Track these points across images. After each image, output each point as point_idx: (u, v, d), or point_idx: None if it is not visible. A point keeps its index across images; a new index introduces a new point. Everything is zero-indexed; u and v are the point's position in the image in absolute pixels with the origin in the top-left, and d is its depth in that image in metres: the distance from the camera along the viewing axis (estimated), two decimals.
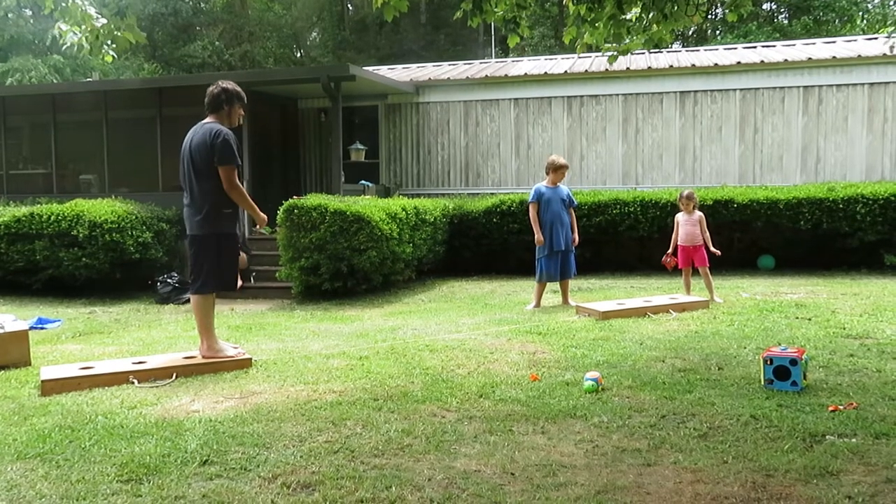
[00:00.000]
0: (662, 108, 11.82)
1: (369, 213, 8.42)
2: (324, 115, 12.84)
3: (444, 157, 12.70)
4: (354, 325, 6.96)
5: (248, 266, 9.43)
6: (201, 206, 4.93)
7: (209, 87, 5.13)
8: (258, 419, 3.78)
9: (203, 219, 4.93)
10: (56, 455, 3.30)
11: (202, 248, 5.01)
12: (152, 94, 11.71)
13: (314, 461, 3.17)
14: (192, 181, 4.95)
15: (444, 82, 12.74)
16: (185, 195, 5.07)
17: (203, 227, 4.95)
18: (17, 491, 2.91)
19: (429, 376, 4.65)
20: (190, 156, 4.96)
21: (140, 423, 3.76)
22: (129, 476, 3.03)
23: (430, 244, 9.90)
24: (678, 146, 11.79)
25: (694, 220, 7.56)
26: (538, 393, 4.18)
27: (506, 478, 2.97)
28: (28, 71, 20.25)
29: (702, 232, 7.53)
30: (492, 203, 10.41)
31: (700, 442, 3.34)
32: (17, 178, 12.33)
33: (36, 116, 12.30)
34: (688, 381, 4.36)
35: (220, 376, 4.78)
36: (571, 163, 12.12)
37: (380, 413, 3.86)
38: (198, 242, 5.01)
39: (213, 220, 4.94)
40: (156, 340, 6.34)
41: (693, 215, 7.59)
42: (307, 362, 5.16)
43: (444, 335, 6.08)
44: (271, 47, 29.95)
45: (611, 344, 5.48)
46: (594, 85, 12.10)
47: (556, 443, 3.37)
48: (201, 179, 4.92)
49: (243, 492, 2.86)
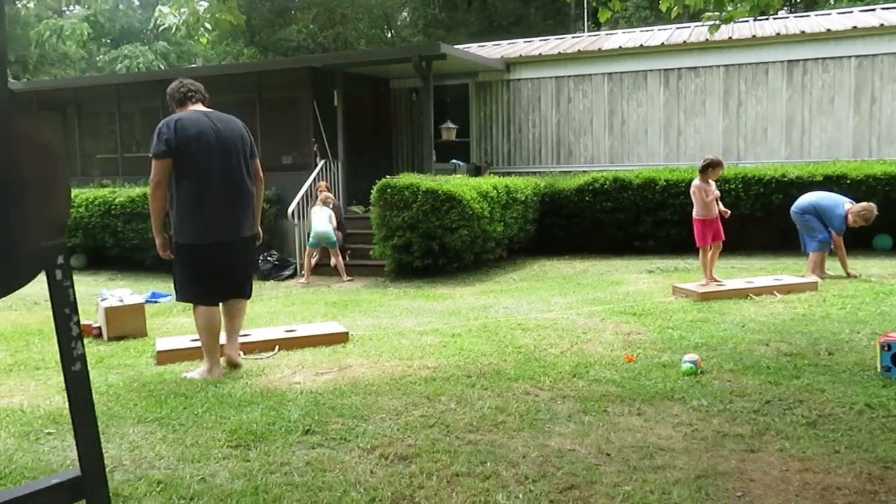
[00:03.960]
0: (768, 78, 11.19)
1: (461, 192, 8.45)
2: (415, 95, 12.93)
3: (535, 134, 12.55)
4: (446, 302, 7.03)
5: (343, 244, 9.66)
6: (251, 201, 4.44)
7: (188, 81, 4.53)
8: (356, 392, 3.90)
9: (253, 219, 4.50)
10: (172, 420, 3.53)
11: (252, 250, 4.62)
12: (252, 78, 12.13)
13: (410, 434, 3.24)
14: (244, 175, 4.38)
15: (535, 58, 12.54)
16: (212, 189, 4.23)
17: (254, 227, 4.53)
18: (139, 452, 3.13)
19: (521, 355, 4.65)
20: (242, 146, 4.37)
21: (247, 393, 3.96)
22: (237, 442, 3.20)
23: (520, 223, 9.85)
24: (784, 119, 11.15)
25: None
26: (633, 374, 4.10)
27: (601, 458, 2.94)
28: (136, 58, 21.41)
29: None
30: (584, 181, 10.22)
31: (808, 430, 3.19)
32: (131, 161, 13.11)
33: (146, 102, 13.00)
34: (794, 366, 4.16)
35: (319, 350, 4.95)
36: (668, 138, 11.74)
37: (473, 390, 3.90)
38: (252, 244, 4.53)
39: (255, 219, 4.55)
40: (258, 315, 6.63)
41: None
42: (401, 338, 5.27)
43: (536, 314, 6.06)
44: (363, 28, 30.37)
45: (710, 326, 5.30)
46: (693, 56, 11.59)
47: (652, 425, 3.31)
48: (247, 175, 4.40)
49: (343, 461, 2.96)
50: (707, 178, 6.79)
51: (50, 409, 3.79)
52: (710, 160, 6.78)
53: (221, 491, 2.70)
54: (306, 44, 27.83)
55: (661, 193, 9.78)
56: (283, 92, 12.25)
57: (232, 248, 4.37)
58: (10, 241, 1.88)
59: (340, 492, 2.67)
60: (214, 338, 4.37)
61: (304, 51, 26.99)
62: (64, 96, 13.78)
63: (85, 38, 21.28)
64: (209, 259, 4.30)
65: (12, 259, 1.90)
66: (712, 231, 6.84)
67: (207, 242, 4.26)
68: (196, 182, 4.21)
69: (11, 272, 1.91)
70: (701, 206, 6.78)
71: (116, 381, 4.34)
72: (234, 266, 4.45)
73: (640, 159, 11.80)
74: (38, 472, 2.92)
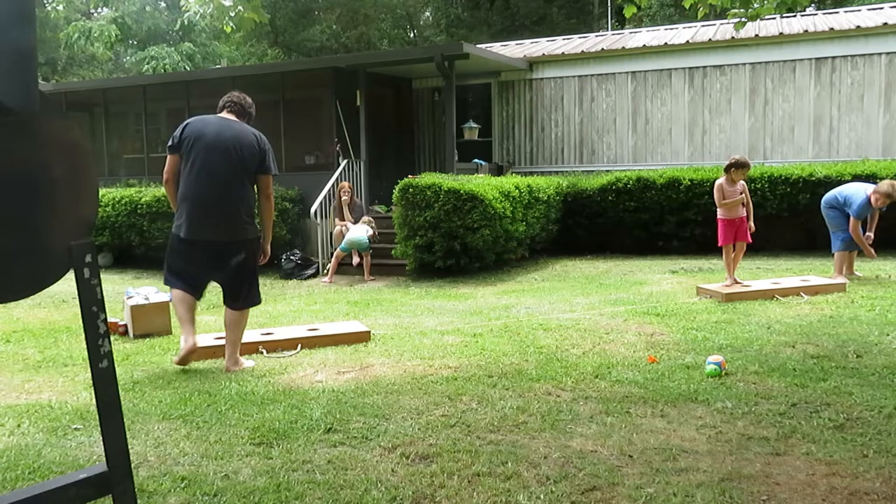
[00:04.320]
0: (795, 76, 11.02)
1: (482, 192, 8.44)
2: (437, 95, 12.95)
3: (557, 133, 12.49)
4: (468, 302, 7.03)
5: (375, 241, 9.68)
6: (237, 207, 4.40)
7: (236, 93, 4.66)
8: (377, 391, 3.91)
9: (249, 221, 4.48)
10: (196, 417, 3.57)
11: (254, 253, 4.57)
12: (275, 78, 12.22)
13: (431, 434, 3.25)
14: (232, 179, 4.39)
15: (558, 57, 12.48)
16: (198, 188, 4.36)
17: (253, 230, 4.53)
18: (164, 448, 3.17)
19: (543, 355, 4.63)
20: (241, 153, 4.39)
21: (269, 391, 4.00)
22: (260, 439, 3.23)
23: (543, 222, 9.81)
24: (812, 118, 10.98)
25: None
26: (656, 375, 4.07)
27: (623, 459, 2.92)
28: (162, 59, 21.67)
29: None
30: (607, 180, 10.15)
31: (836, 433, 3.13)
32: (157, 161, 13.25)
33: (171, 102, 13.18)
34: (821, 368, 4.09)
35: (341, 349, 4.98)
36: (692, 138, 11.62)
37: (495, 390, 3.90)
38: (237, 252, 4.47)
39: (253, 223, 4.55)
40: (281, 313, 6.68)
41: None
42: (423, 338, 5.27)
43: (558, 314, 6.03)
44: (385, 28, 30.47)
45: (735, 327, 5.23)
46: (718, 54, 11.45)
47: (676, 427, 3.28)
48: (238, 183, 4.41)
49: (365, 460, 2.98)
50: (731, 178, 6.70)
51: (77, 405, 3.86)
52: (735, 160, 6.69)
53: (244, 488, 2.72)
54: (329, 44, 27.99)
55: (685, 193, 9.69)
56: (307, 92, 12.33)
57: (208, 249, 4.41)
58: (40, 240, 1.92)
59: (362, 490, 2.68)
60: (179, 318, 4.56)
61: (327, 51, 27.15)
62: (92, 97, 14.00)
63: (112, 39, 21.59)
64: (182, 254, 4.48)
65: (42, 257, 1.93)
66: (734, 231, 6.75)
67: (185, 237, 4.42)
68: (187, 179, 4.40)
69: (41, 270, 1.94)
70: (721, 206, 6.71)
71: (142, 378, 4.40)
72: (211, 270, 4.47)
73: (664, 159, 11.70)
74: (65, 467, 2.97)
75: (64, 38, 22.31)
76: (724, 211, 6.72)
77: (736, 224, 6.75)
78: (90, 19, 24.50)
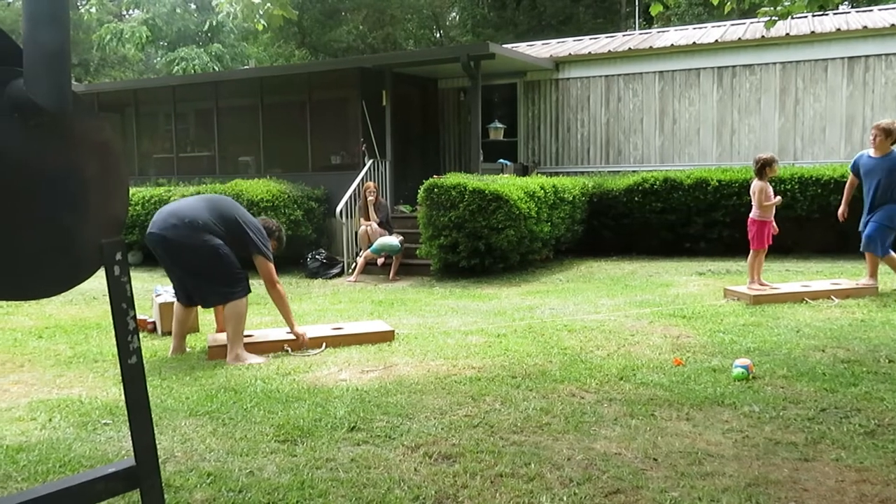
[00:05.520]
0: (827, 76, 10.83)
1: (507, 192, 8.42)
2: (463, 95, 12.95)
3: (583, 134, 12.41)
4: (492, 302, 7.02)
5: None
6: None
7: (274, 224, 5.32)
8: (401, 390, 3.93)
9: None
10: (222, 414, 3.61)
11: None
12: (302, 79, 12.32)
13: (454, 434, 3.25)
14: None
15: (584, 57, 12.41)
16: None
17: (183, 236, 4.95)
18: (190, 444, 3.21)
19: (567, 356, 4.61)
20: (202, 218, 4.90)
21: (294, 389, 4.03)
22: (285, 437, 3.26)
23: (568, 223, 9.76)
24: (844, 118, 10.77)
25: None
26: (682, 378, 4.03)
27: (648, 463, 2.90)
28: (192, 60, 21.97)
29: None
30: (633, 181, 10.06)
31: (866, 440, 3.08)
32: (186, 161, 13.47)
33: (201, 103, 13.34)
34: (852, 373, 4.02)
35: (365, 348, 5.00)
36: (721, 138, 11.47)
37: (518, 391, 3.89)
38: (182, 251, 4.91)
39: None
40: (306, 312, 6.73)
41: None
42: (446, 338, 5.28)
43: (583, 315, 5.99)
44: (412, 29, 30.53)
45: (763, 330, 5.16)
46: (748, 54, 11.29)
47: (701, 430, 3.24)
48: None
49: (388, 458, 2.99)
50: (766, 177, 6.61)
51: (107, 401, 3.93)
52: (765, 159, 6.59)
53: (269, 484, 2.75)
54: (356, 45, 28.12)
55: (713, 194, 9.57)
56: (333, 92, 12.41)
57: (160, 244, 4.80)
58: (72, 238, 1.96)
59: (384, 489, 2.69)
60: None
61: (353, 52, 27.28)
62: (123, 98, 14.24)
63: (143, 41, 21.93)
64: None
65: (74, 255, 1.97)
66: (768, 233, 6.66)
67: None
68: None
69: (73, 267, 1.98)
70: (761, 208, 6.61)
71: (169, 374, 4.47)
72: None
73: (691, 159, 11.56)
74: (94, 461, 3.02)
75: (96, 39, 22.72)
76: (763, 212, 6.63)
77: (769, 226, 6.66)
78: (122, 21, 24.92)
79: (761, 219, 6.63)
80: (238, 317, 4.76)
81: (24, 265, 1.86)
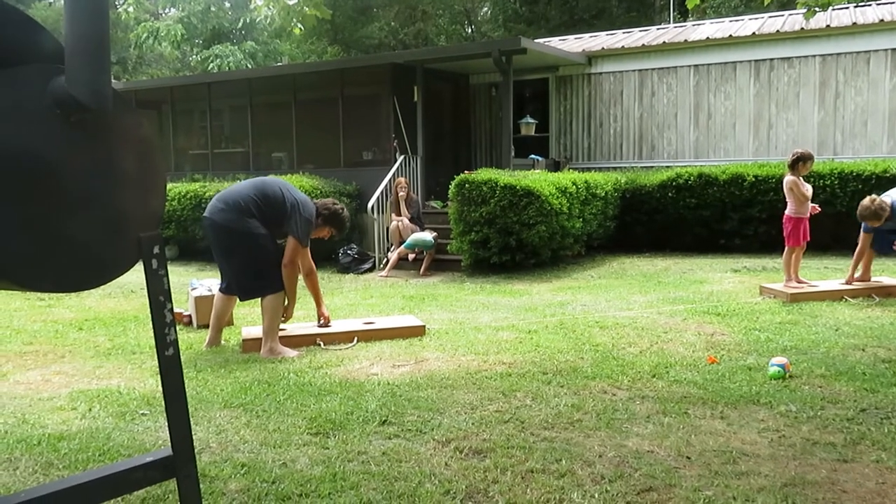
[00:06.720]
0: (869, 68, 10.55)
1: (539, 188, 8.38)
2: (494, 90, 12.90)
3: (616, 129, 12.29)
4: (523, 298, 6.99)
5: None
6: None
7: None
8: (432, 385, 3.94)
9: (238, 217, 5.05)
10: (256, 406, 3.66)
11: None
12: (335, 75, 12.40)
13: (485, 429, 3.25)
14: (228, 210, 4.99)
15: (617, 51, 12.27)
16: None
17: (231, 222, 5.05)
18: (225, 435, 3.27)
19: (598, 353, 4.58)
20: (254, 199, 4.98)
21: (326, 383, 4.07)
22: (317, 429, 3.29)
23: (600, 219, 9.68)
24: (887, 111, 10.49)
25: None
26: (716, 376, 3.97)
27: (681, 461, 2.86)
28: (226, 57, 22.24)
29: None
30: (667, 176, 9.93)
31: None
32: (220, 157, 13.66)
33: (235, 100, 13.51)
34: (893, 372, 3.92)
35: (397, 342, 5.02)
36: (757, 132, 11.26)
37: (549, 387, 3.87)
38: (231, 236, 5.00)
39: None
40: (338, 307, 6.79)
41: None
42: (477, 333, 5.28)
43: (615, 312, 5.94)
44: (443, 25, 30.48)
45: (800, 328, 5.06)
46: (786, 46, 11.05)
47: (736, 429, 3.19)
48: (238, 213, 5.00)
49: (419, 452, 3.00)
50: (798, 172, 6.47)
51: (144, 392, 4.01)
52: (801, 154, 6.45)
53: (301, 476, 2.78)
54: (388, 41, 28.18)
55: (749, 190, 9.40)
56: (365, 89, 12.47)
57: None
58: (112, 232, 2.00)
59: (415, 483, 2.71)
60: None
61: (385, 48, 27.34)
62: (159, 95, 14.48)
63: (179, 39, 22.27)
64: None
65: (113, 248, 2.02)
66: (804, 230, 6.52)
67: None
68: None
69: (112, 261, 2.03)
70: (796, 203, 6.47)
71: (204, 366, 4.54)
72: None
73: (726, 154, 11.37)
74: (133, 451, 3.09)
75: (134, 38, 23.13)
76: (798, 208, 6.49)
77: (804, 222, 6.52)
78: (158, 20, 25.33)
79: (797, 215, 6.50)
80: (274, 310, 4.80)
81: (66, 258, 1.91)
